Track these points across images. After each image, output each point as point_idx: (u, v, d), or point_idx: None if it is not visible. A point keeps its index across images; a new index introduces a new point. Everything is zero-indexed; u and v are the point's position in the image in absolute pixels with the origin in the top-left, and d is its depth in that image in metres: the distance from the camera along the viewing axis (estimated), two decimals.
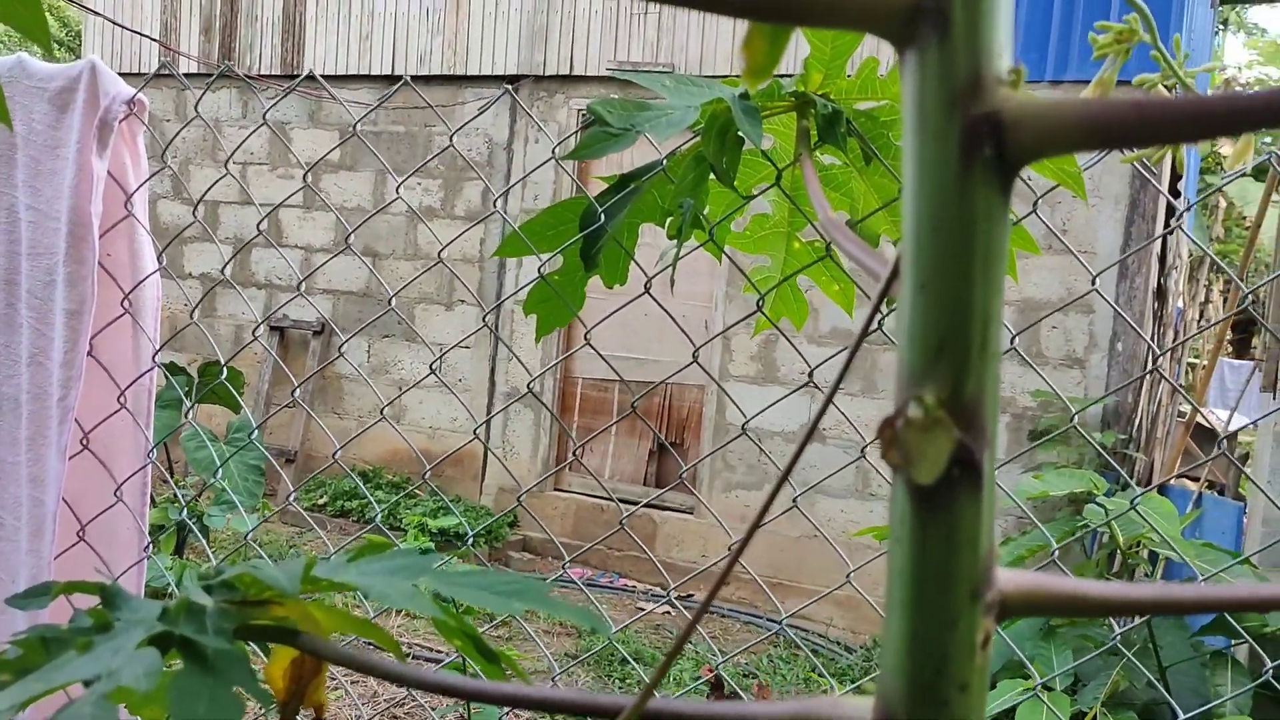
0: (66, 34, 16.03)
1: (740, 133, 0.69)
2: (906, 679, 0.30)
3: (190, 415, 4.96)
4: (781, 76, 0.71)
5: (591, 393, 5.97)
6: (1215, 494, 5.27)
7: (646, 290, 1.11)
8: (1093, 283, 1.18)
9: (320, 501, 6.14)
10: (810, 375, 1.26)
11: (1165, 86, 0.51)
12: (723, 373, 5.55)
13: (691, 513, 5.62)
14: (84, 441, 1.34)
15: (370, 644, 0.57)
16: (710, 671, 4.39)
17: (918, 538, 0.30)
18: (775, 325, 0.93)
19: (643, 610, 4.86)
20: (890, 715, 0.30)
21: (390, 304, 1.50)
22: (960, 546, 0.30)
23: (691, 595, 5.53)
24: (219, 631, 0.46)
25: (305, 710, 0.62)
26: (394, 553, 0.52)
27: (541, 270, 0.87)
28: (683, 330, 1.37)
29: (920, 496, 0.30)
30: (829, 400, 0.39)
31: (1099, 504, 2.31)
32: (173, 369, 4.10)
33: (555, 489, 6.01)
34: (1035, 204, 1.11)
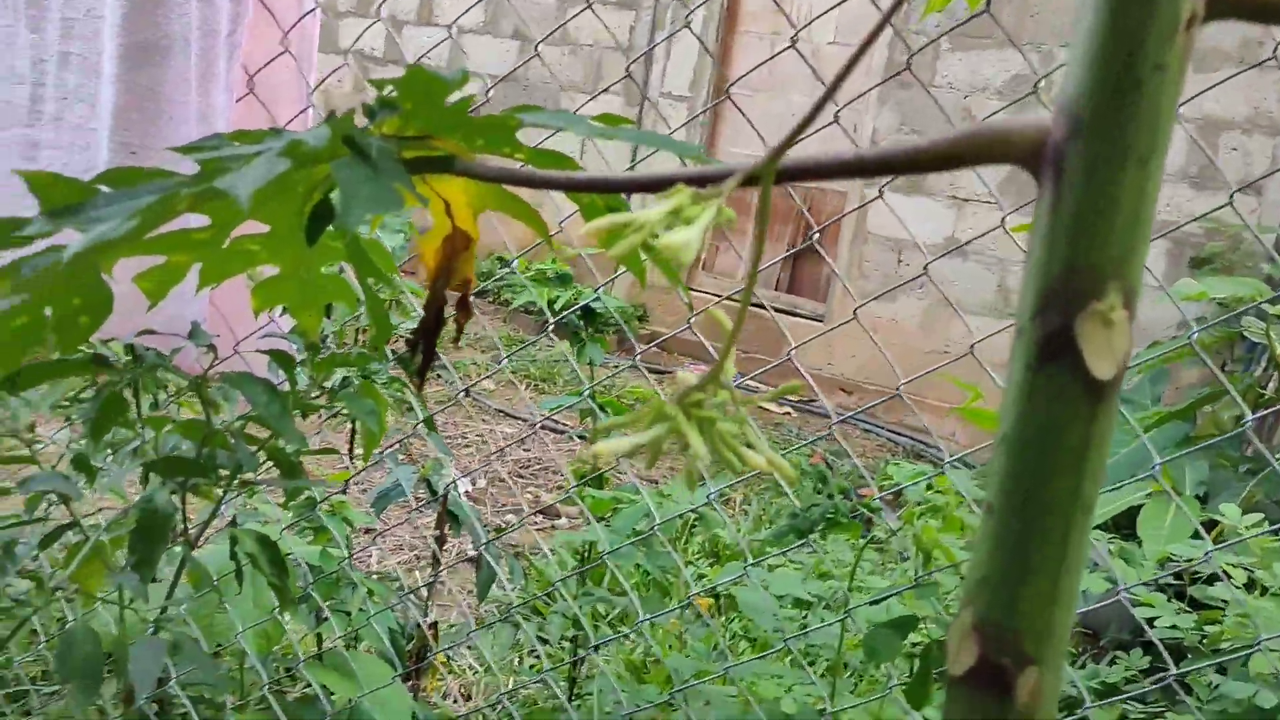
0: None
1: None
2: (1096, 65, 0.28)
3: None
4: None
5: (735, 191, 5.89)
6: None
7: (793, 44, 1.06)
8: None
9: None
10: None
11: None
12: (869, 180, 5.39)
13: (821, 320, 5.59)
14: (250, 84, 1.39)
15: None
16: (820, 459, 4.45)
17: None
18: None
19: (763, 409, 4.93)
20: (1073, 114, 0.28)
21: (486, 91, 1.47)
22: None
23: (814, 400, 5.57)
24: (381, 150, 0.47)
25: (453, 286, 0.64)
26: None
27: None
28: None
29: None
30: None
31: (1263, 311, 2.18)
32: None
33: (688, 287, 6.04)
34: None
